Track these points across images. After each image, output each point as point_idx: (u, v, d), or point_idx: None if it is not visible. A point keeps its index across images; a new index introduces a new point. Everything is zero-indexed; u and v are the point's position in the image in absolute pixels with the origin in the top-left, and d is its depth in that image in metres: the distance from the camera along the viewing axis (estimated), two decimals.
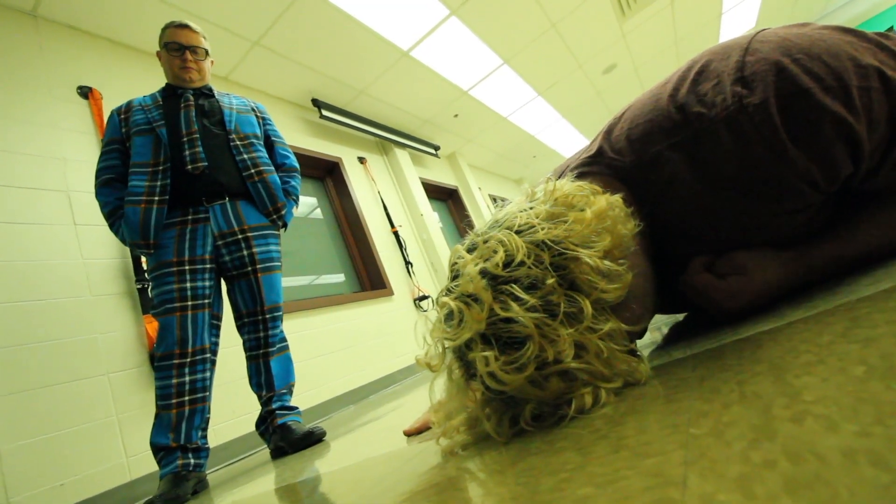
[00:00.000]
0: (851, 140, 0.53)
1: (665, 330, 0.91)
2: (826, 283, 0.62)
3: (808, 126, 0.52)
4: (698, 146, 0.58)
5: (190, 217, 1.66)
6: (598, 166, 0.69)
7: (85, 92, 2.35)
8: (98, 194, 1.65)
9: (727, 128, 0.55)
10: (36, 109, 2.14)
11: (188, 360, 1.52)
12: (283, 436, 1.61)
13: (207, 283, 1.64)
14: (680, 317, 0.98)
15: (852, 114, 0.52)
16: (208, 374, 1.58)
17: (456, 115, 4.95)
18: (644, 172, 0.64)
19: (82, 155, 2.20)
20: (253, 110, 1.93)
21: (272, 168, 1.84)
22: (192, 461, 1.47)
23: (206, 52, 1.85)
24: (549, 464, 0.42)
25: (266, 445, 1.79)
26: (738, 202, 0.60)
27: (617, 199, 0.59)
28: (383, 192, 4.33)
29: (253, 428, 1.77)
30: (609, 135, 0.69)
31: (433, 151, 5.26)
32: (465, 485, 0.47)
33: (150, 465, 1.81)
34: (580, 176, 0.69)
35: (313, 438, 1.57)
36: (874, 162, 0.56)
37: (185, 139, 1.69)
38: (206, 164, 1.69)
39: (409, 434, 0.88)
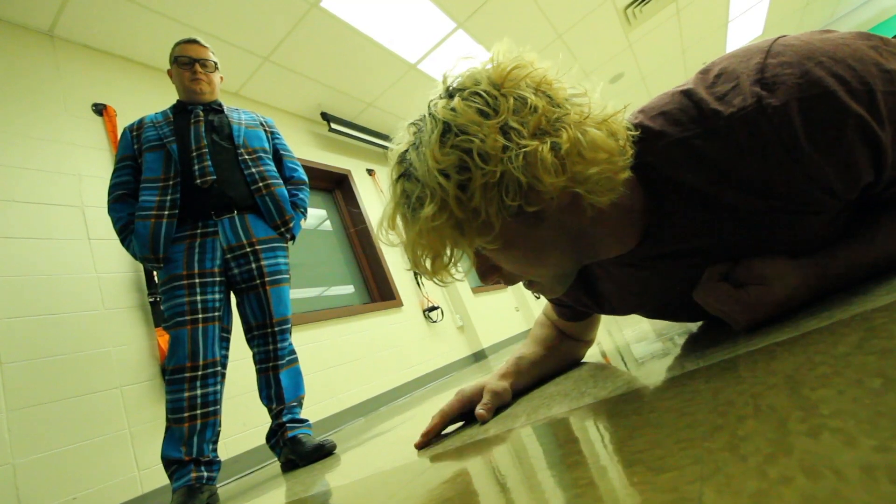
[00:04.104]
0: (874, 145, 0.52)
1: (678, 340, 0.90)
2: (841, 292, 0.62)
3: (831, 129, 0.51)
4: (710, 143, 0.56)
5: (199, 231, 1.68)
6: None
7: (100, 109, 2.40)
8: (110, 210, 1.68)
9: (743, 128, 0.53)
10: (52, 127, 2.19)
11: (199, 373, 1.53)
12: (294, 449, 1.61)
13: (217, 296, 1.65)
14: (693, 327, 0.97)
15: (876, 118, 0.51)
16: (219, 387, 1.59)
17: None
18: (651, 162, 0.61)
19: (97, 171, 2.24)
20: (262, 125, 1.96)
21: (280, 181, 1.86)
22: (205, 474, 1.48)
23: (215, 65, 1.89)
24: (561, 479, 0.42)
25: (276, 458, 1.79)
26: (746, 205, 0.58)
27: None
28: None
29: (263, 441, 1.78)
30: (629, 120, 0.67)
31: None
32: (476, 500, 0.47)
33: (161, 478, 1.81)
34: None
35: (324, 451, 1.57)
36: None
37: (194, 154, 1.72)
38: (215, 177, 1.71)
39: (420, 447, 0.87)
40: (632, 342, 1.18)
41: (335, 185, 4.07)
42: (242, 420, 2.24)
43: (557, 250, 0.62)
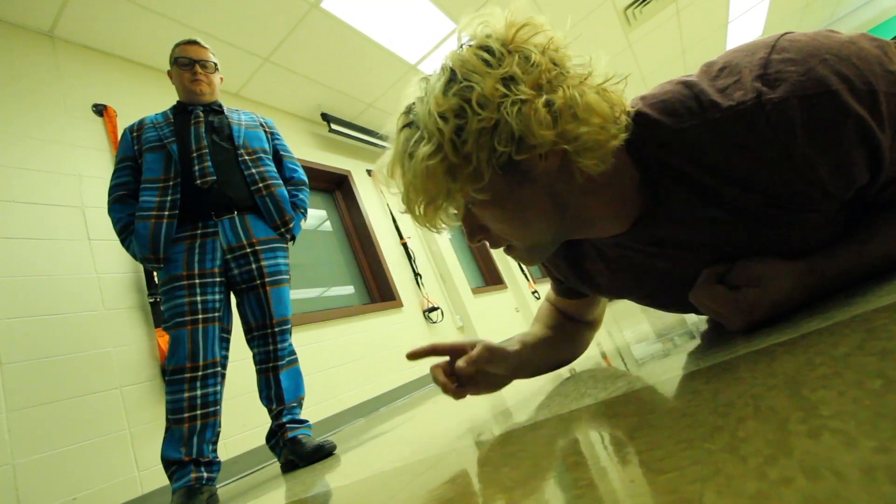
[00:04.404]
0: (872, 146, 0.52)
1: (678, 341, 0.90)
2: (840, 293, 0.61)
3: (831, 127, 0.51)
4: (707, 135, 0.56)
5: (199, 231, 1.68)
6: None
7: (100, 110, 2.40)
8: (111, 211, 1.68)
9: (740, 122, 0.53)
10: (52, 127, 2.18)
11: (199, 373, 1.53)
12: (294, 449, 1.61)
13: (217, 297, 1.65)
14: (692, 328, 0.97)
15: (877, 120, 0.50)
16: (219, 387, 1.59)
17: None
18: (648, 150, 0.61)
19: (97, 171, 2.24)
20: (262, 125, 1.96)
21: (280, 182, 1.86)
22: (204, 475, 1.48)
23: (215, 66, 1.89)
24: (561, 480, 0.42)
25: (276, 459, 1.79)
26: (740, 200, 0.58)
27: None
28: (392, 203, 4.35)
29: (263, 441, 1.77)
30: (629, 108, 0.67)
31: None
32: (476, 501, 0.47)
33: (161, 479, 1.81)
34: None
35: (324, 452, 1.57)
36: (894, 172, 0.55)
37: (194, 154, 1.72)
38: (215, 178, 1.71)
39: (410, 356, 0.85)
40: (632, 343, 1.18)
41: (335, 186, 4.07)
42: (242, 421, 2.23)
43: (543, 214, 0.62)
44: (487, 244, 0.69)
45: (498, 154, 0.55)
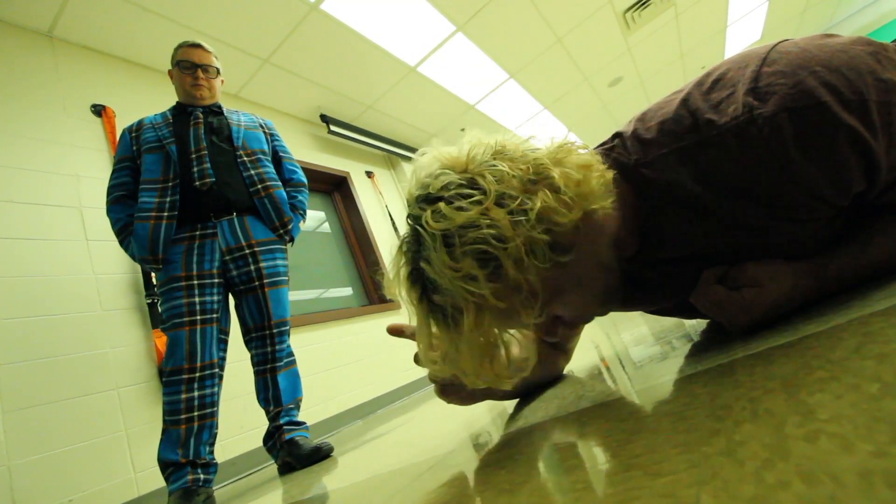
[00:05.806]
0: (866, 155, 0.52)
1: (676, 344, 0.90)
2: (838, 296, 0.62)
3: (822, 139, 0.51)
4: (704, 153, 0.57)
5: (198, 232, 1.68)
6: (607, 159, 0.67)
7: (98, 110, 2.40)
8: (109, 211, 1.67)
9: (735, 138, 0.54)
10: (51, 127, 2.18)
11: (197, 374, 1.53)
12: (291, 451, 1.60)
13: (216, 298, 1.65)
14: (690, 331, 0.97)
15: (868, 129, 0.51)
16: (216, 389, 1.59)
17: (463, 129, 4.98)
18: (646, 173, 0.63)
19: (95, 171, 2.23)
20: (261, 126, 1.96)
21: (279, 183, 1.86)
22: (201, 476, 1.47)
23: (217, 71, 1.89)
24: (559, 483, 0.42)
25: (273, 461, 1.79)
26: (740, 212, 0.59)
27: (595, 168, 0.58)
28: (391, 205, 4.36)
29: (260, 443, 1.77)
30: (626, 129, 0.69)
31: None
32: (473, 503, 0.47)
33: (157, 481, 1.81)
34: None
35: (321, 454, 1.56)
36: (892, 176, 0.55)
37: (193, 156, 1.72)
38: (214, 179, 1.71)
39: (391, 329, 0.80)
40: (630, 345, 1.18)
41: (334, 188, 4.07)
42: (240, 422, 2.23)
43: (599, 271, 0.61)
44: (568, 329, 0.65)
45: (542, 267, 0.52)
